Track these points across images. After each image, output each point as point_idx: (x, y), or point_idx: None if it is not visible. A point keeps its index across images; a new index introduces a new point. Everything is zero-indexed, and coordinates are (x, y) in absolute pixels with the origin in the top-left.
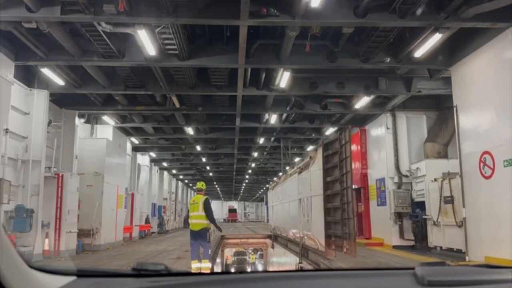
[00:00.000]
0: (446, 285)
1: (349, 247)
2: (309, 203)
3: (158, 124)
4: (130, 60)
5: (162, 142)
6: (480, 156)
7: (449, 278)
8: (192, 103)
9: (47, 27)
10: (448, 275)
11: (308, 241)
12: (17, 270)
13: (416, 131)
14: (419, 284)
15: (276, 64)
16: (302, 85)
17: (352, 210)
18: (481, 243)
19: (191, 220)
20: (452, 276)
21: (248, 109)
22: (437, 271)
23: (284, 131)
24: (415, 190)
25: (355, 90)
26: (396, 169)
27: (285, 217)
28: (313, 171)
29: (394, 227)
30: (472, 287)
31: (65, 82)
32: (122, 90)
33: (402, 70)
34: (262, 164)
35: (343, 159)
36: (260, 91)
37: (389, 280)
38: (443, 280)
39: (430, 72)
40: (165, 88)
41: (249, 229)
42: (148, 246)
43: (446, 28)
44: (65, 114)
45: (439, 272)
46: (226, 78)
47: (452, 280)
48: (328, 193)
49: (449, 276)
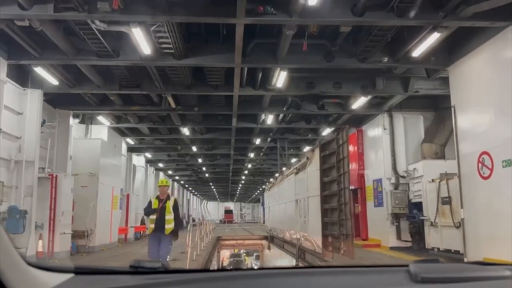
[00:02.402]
0: (440, 281)
1: (346, 248)
2: (306, 204)
3: (153, 125)
4: (125, 59)
5: (158, 142)
6: (478, 156)
7: (443, 275)
8: (188, 103)
9: (40, 25)
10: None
11: (305, 243)
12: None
13: (413, 132)
14: (412, 281)
15: (273, 63)
16: (299, 85)
17: (350, 211)
18: (479, 244)
19: (158, 223)
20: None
21: (245, 109)
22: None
23: (280, 132)
24: (412, 191)
25: (352, 90)
26: (393, 169)
27: (282, 218)
28: (310, 171)
29: (391, 228)
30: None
31: (59, 81)
32: (117, 90)
33: (399, 70)
34: (259, 165)
35: (341, 160)
36: (257, 91)
37: (383, 277)
38: (436, 277)
39: (428, 72)
40: (160, 88)
41: (246, 230)
42: (143, 248)
43: (444, 27)
44: (59, 114)
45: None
46: (222, 78)
47: (445, 277)
48: (325, 193)
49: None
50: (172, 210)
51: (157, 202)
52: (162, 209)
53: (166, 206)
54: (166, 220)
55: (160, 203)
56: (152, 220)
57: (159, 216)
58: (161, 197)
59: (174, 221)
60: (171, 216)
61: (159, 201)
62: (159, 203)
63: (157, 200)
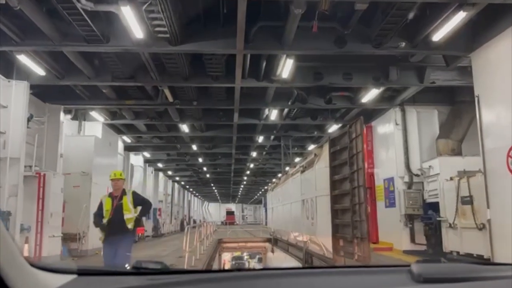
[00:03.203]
0: (442, 281)
1: (361, 253)
2: (314, 204)
3: (150, 121)
4: (116, 44)
5: (156, 141)
6: (508, 151)
7: (445, 275)
8: (186, 96)
9: (19, 3)
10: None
11: (312, 246)
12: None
13: (427, 127)
14: (414, 281)
15: (279, 49)
16: (306, 75)
17: (365, 212)
18: (508, 248)
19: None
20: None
21: (247, 103)
22: (433, 268)
23: (284, 129)
24: (427, 190)
25: (363, 81)
26: (406, 167)
27: (286, 219)
28: (318, 169)
29: (404, 230)
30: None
31: (46, 71)
32: (109, 81)
33: (416, 57)
34: (261, 165)
35: (354, 155)
36: (260, 83)
37: (386, 277)
38: (438, 277)
39: (447, 60)
40: (156, 79)
41: (248, 232)
42: (140, 251)
43: (471, 4)
44: (49, 109)
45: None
46: (223, 67)
47: (447, 277)
48: (335, 193)
49: (445, 273)
50: (133, 206)
51: (110, 202)
52: (118, 208)
53: (123, 204)
54: (126, 219)
55: (115, 201)
56: (103, 227)
57: (115, 217)
58: (114, 194)
59: (136, 220)
60: (131, 214)
61: (112, 200)
62: (112, 202)
63: (110, 198)
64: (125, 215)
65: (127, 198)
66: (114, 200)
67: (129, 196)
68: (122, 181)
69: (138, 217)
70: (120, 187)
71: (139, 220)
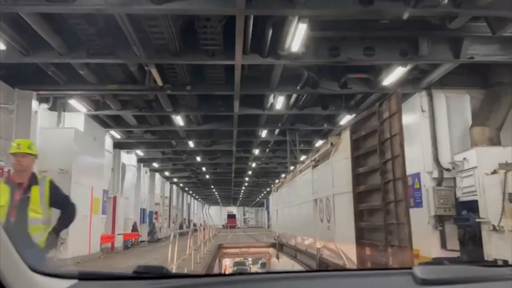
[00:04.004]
0: (443, 283)
1: (400, 265)
2: (331, 204)
3: (139, 111)
4: (84, 4)
5: (149, 136)
6: None
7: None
8: (178, 80)
9: None
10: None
11: (327, 254)
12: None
13: (458, 114)
14: (416, 283)
15: (289, 8)
16: (319, 50)
17: (406, 212)
18: None
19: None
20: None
21: (249, 88)
22: (434, 270)
23: (290, 121)
24: (460, 187)
25: (388, 56)
26: (435, 161)
27: (294, 222)
28: (335, 161)
29: (433, 233)
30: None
31: (7, 45)
32: (84, 58)
33: (457, 23)
34: (264, 164)
35: (386, 139)
36: (265, 59)
37: (388, 280)
38: (440, 279)
39: (492, 27)
40: (141, 55)
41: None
42: (129, 259)
43: None
44: (18, 95)
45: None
46: (220, 39)
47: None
48: (360, 189)
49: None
50: (47, 206)
51: (7, 191)
52: (21, 205)
53: (31, 199)
54: (31, 227)
55: (16, 192)
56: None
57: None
58: (16, 180)
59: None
60: (41, 219)
61: (11, 189)
62: (12, 193)
63: (8, 186)
64: (31, 219)
65: (39, 191)
66: (14, 191)
67: (42, 187)
68: (31, 159)
69: (55, 232)
70: (26, 168)
71: (56, 237)
